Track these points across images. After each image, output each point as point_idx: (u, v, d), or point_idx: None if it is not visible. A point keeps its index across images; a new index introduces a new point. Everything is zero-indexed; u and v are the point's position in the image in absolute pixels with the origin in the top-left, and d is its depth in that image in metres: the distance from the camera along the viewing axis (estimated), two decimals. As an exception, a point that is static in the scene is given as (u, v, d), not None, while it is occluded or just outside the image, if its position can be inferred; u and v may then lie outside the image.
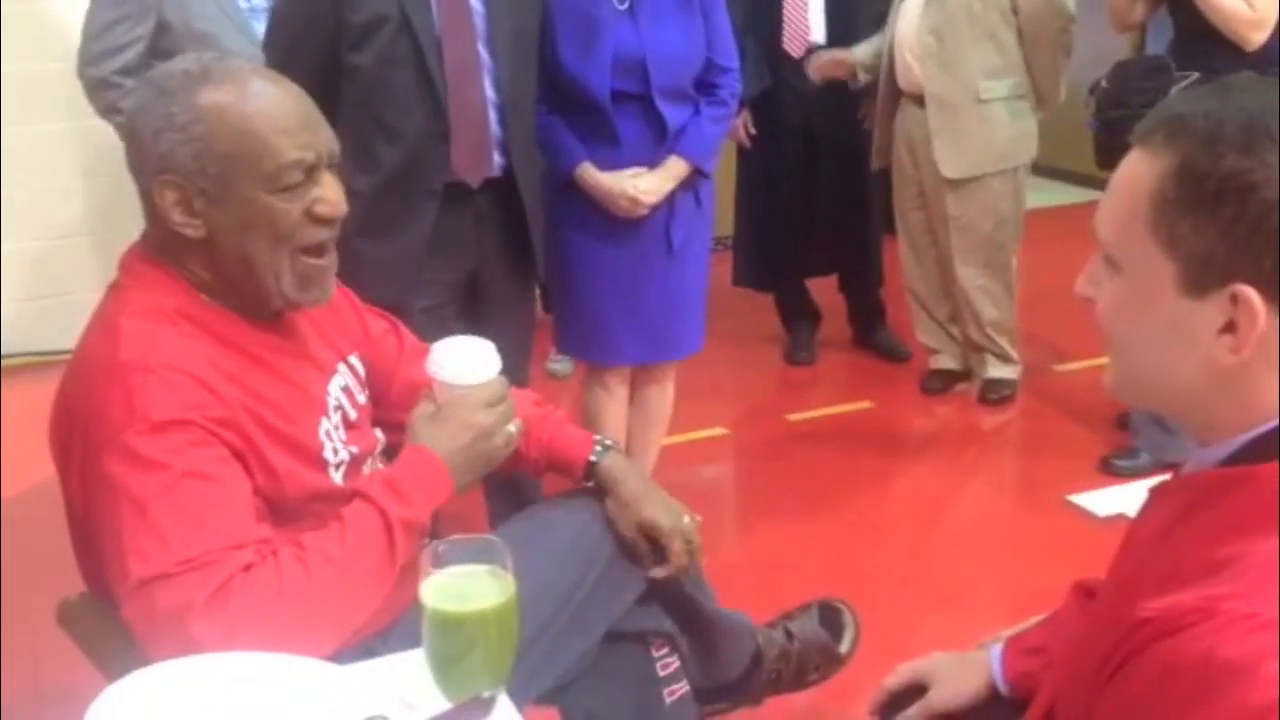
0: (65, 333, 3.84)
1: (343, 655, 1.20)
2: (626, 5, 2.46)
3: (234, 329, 1.32)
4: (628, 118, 2.50)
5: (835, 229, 3.99)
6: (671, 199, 2.58)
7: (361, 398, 1.50)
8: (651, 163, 2.54)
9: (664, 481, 3.03)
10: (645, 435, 2.91)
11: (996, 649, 1.29)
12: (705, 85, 2.60)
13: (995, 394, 3.68)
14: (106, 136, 3.79)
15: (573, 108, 2.50)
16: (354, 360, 1.51)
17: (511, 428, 1.37)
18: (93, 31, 3.01)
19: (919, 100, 3.43)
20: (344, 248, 2.02)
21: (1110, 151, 3.10)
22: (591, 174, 2.52)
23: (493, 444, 1.35)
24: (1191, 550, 0.86)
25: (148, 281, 1.30)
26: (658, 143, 2.53)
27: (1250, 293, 0.83)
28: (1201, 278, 0.85)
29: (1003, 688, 1.28)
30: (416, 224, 2.25)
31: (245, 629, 1.14)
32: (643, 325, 2.69)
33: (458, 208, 2.29)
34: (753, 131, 3.83)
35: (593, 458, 1.59)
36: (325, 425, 1.39)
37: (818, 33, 3.71)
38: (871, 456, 3.41)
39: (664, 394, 2.88)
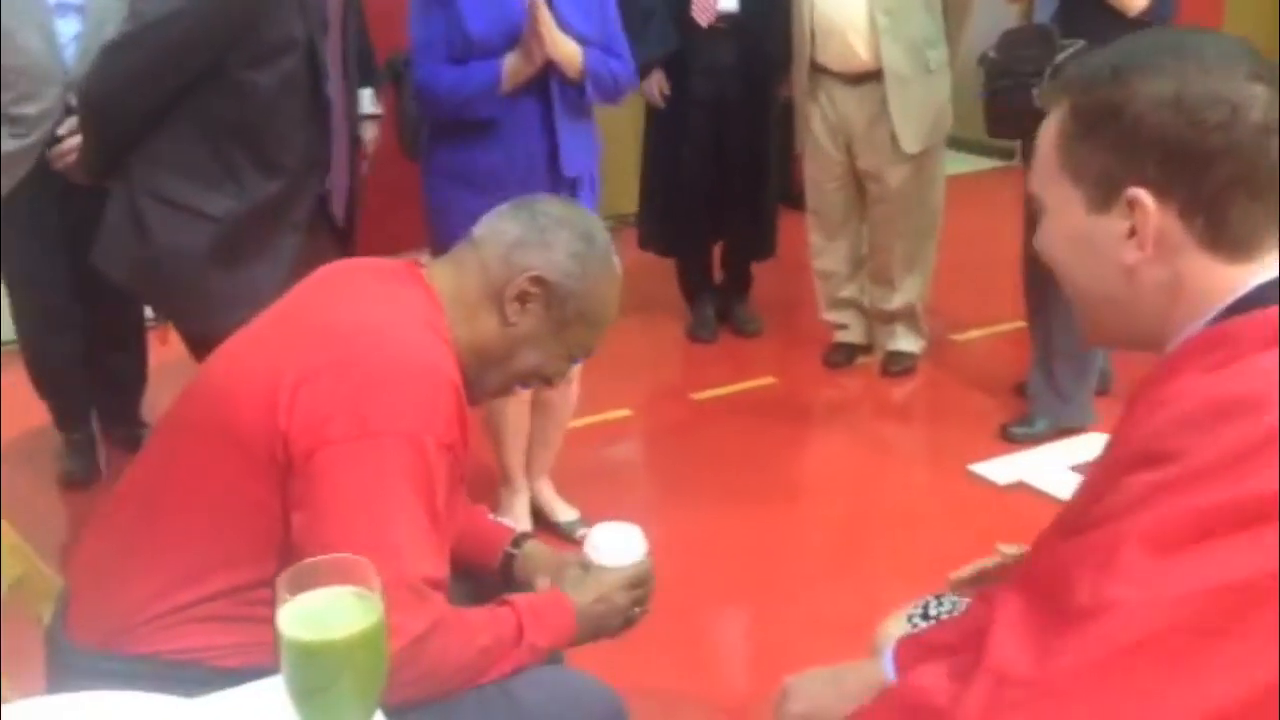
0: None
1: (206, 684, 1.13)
2: None
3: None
4: (531, 93, 2.50)
5: (729, 199, 3.95)
6: (576, 181, 2.57)
7: None
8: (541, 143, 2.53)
9: (571, 466, 3.03)
10: (546, 431, 2.85)
11: (888, 654, 1.26)
12: None
13: (898, 366, 3.70)
14: None
15: None
16: None
17: (637, 610, 1.50)
18: None
19: (852, 79, 3.40)
20: (192, 274, 1.89)
21: (999, 120, 3.11)
22: (510, 63, 2.46)
23: (618, 622, 1.48)
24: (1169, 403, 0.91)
25: (422, 304, 1.36)
26: (547, 109, 2.52)
27: (1140, 192, 0.95)
28: (1102, 193, 0.97)
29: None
30: (276, 256, 2.14)
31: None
32: None
33: (318, 237, 2.23)
34: (667, 93, 3.77)
35: (511, 549, 1.62)
36: None
37: (728, 1, 3.67)
38: (778, 432, 3.41)
39: (567, 390, 2.80)
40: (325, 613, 0.92)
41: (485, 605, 1.37)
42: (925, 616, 1.43)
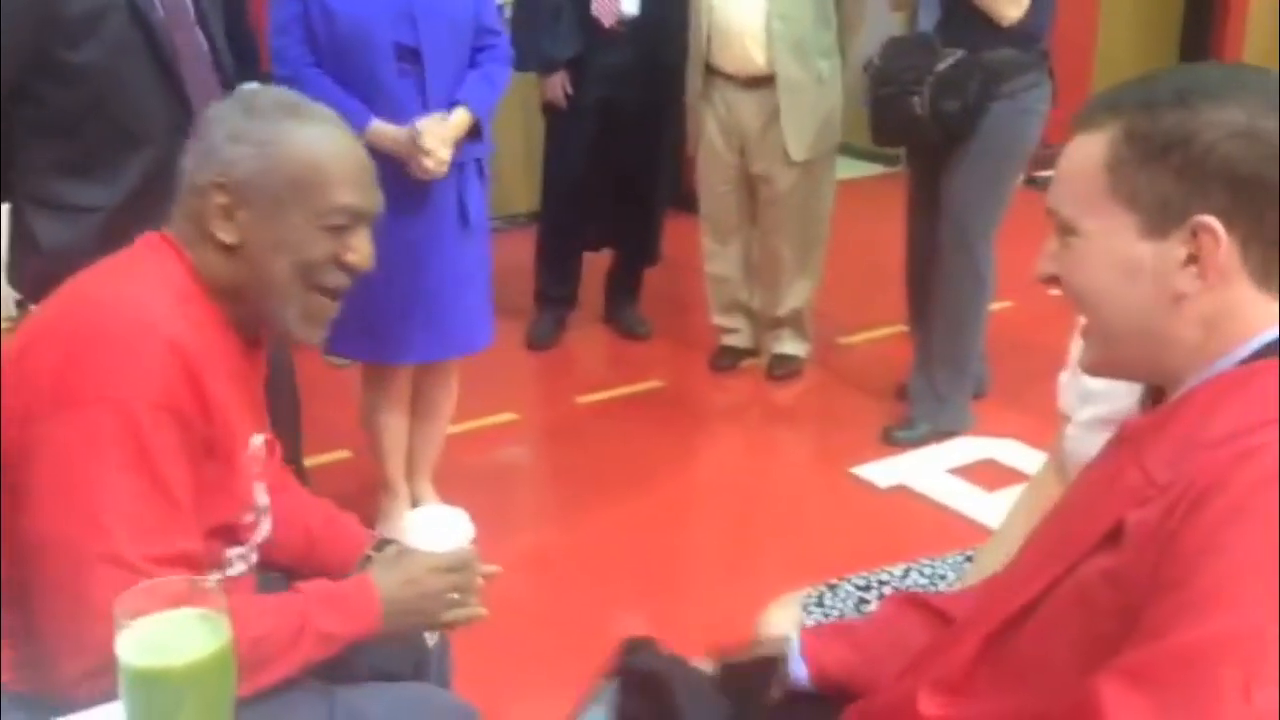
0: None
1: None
2: None
3: (226, 336, 1.32)
4: (403, 74, 2.42)
5: (620, 203, 3.92)
6: (461, 168, 2.48)
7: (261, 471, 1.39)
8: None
9: (458, 471, 2.97)
10: (426, 431, 2.78)
11: (795, 643, 1.25)
12: (479, 50, 2.53)
13: (783, 369, 3.72)
14: None
15: (343, 64, 2.38)
16: (261, 439, 1.41)
17: (455, 595, 1.37)
18: None
19: (748, 83, 3.40)
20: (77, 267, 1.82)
21: (882, 127, 3.16)
22: (383, 130, 2.37)
23: (433, 607, 1.36)
24: (1189, 442, 0.91)
25: (163, 265, 1.30)
26: (425, 106, 2.44)
27: (1211, 220, 0.93)
28: (1162, 220, 0.95)
29: (802, 675, 1.24)
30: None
31: None
32: (430, 316, 2.54)
33: None
34: (570, 93, 3.71)
35: (371, 552, 1.52)
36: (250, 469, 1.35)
37: (630, 4, 3.63)
38: (666, 435, 3.40)
39: (448, 392, 2.76)
40: (166, 637, 0.86)
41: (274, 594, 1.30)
42: (820, 605, 1.43)
